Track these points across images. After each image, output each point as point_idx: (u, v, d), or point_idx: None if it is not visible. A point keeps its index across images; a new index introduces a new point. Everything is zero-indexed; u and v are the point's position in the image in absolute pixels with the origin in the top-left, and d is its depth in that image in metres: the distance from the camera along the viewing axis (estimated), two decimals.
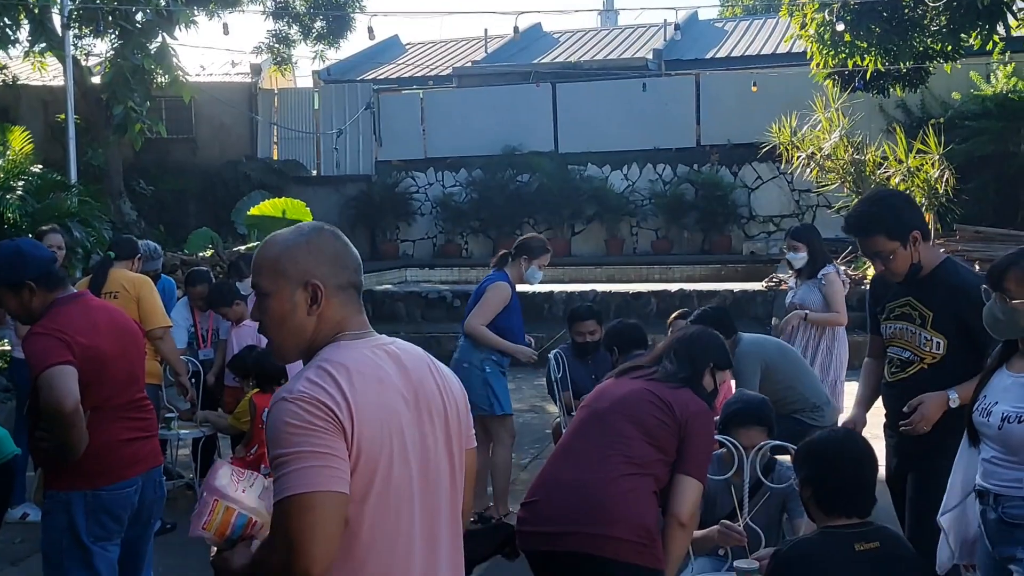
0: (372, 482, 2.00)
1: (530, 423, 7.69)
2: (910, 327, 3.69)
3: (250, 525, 2.19)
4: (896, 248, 3.62)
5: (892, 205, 3.69)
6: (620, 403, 3.24)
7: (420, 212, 19.95)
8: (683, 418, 3.16)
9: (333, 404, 1.98)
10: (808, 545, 3.03)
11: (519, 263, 6.18)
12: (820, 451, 3.13)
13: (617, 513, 3.04)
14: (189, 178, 19.01)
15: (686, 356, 3.35)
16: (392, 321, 13.72)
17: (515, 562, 4.70)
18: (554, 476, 3.21)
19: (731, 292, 12.54)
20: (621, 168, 19.05)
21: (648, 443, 3.14)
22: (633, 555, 3.03)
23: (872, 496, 3.09)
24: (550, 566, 3.16)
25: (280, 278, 2.15)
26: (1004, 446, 2.96)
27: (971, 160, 14.13)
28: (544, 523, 3.12)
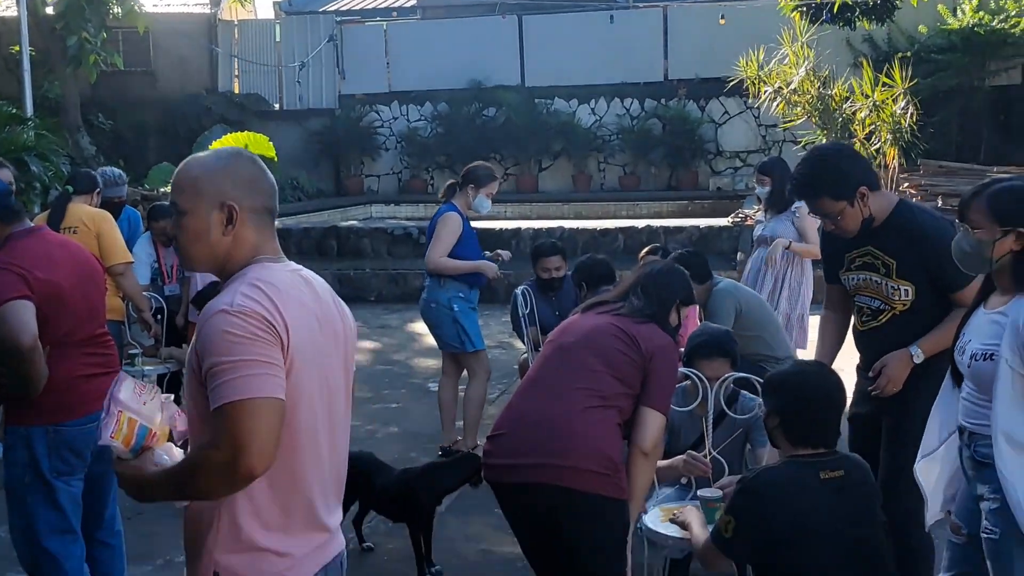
0: (299, 391, 2.17)
1: (497, 359, 7.72)
2: (875, 277, 3.63)
3: (150, 436, 2.32)
4: (843, 207, 3.54)
5: (834, 165, 3.57)
6: (585, 337, 3.25)
7: (385, 147, 19.75)
8: (648, 352, 3.18)
9: (270, 317, 2.13)
10: (774, 473, 3.07)
11: (467, 193, 6.13)
12: (792, 383, 3.16)
13: (581, 444, 3.06)
14: (148, 112, 18.65)
15: (654, 293, 3.35)
16: (357, 257, 13.65)
17: (481, 492, 4.74)
18: (520, 409, 3.23)
19: (697, 228, 12.57)
20: (588, 102, 18.92)
21: (613, 376, 3.16)
22: (596, 485, 3.07)
23: (838, 429, 3.13)
24: (515, 497, 3.19)
25: (197, 197, 2.26)
26: (975, 384, 2.97)
27: (936, 94, 14.16)
28: (509, 455, 3.15)
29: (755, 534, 2.97)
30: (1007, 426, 2.78)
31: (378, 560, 4.82)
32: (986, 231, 2.90)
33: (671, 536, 3.63)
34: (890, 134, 12.22)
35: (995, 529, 2.86)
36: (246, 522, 2.17)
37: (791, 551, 2.94)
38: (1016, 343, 2.76)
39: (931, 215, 3.64)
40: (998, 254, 2.88)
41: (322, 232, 14.15)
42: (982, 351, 2.94)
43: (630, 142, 18.37)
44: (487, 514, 5.31)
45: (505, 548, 4.90)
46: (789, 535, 2.93)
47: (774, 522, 2.94)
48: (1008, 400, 2.78)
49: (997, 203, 2.90)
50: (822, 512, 2.95)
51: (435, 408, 6.51)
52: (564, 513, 3.08)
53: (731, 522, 3.02)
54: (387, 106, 19.85)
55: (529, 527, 3.23)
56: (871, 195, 3.55)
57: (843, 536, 2.95)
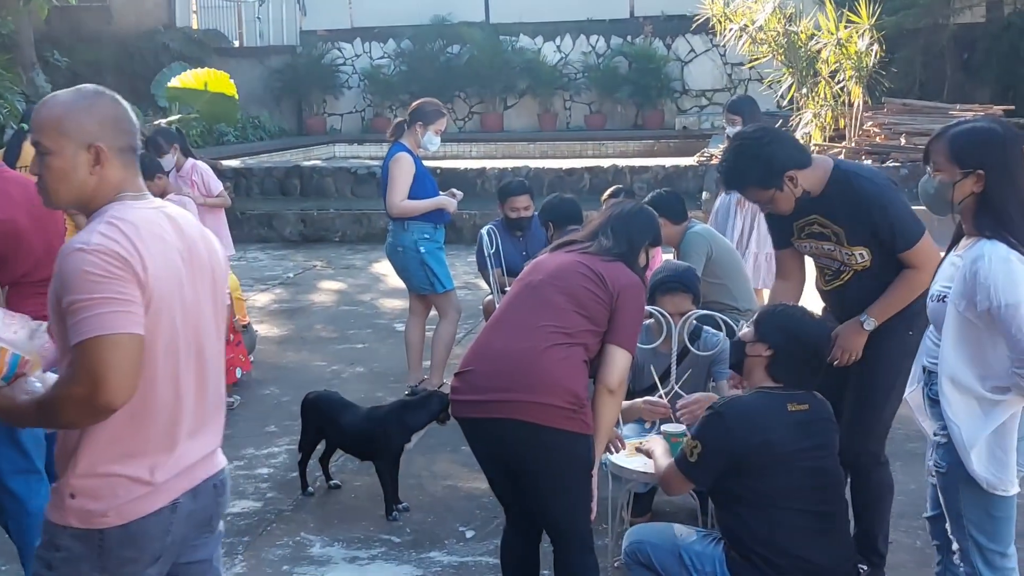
0: (160, 325, 2.25)
1: (463, 299, 7.72)
2: (827, 245, 3.63)
3: (23, 364, 2.41)
4: (773, 194, 3.54)
5: (756, 155, 3.51)
6: (553, 275, 3.26)
7: (347, 85, 19.50)
8: (615, 290, 3.20)
9: (126, 254, 2.19)
10: (745, 402, 3.15)
11: (415, 131, 6.04)
12: (794, 325, 3.21)
13: (547, 380, 3.09)
14: (104, 49, 18.21)
15: (623, 233, 3.36)
16: (321, 197, 13.54)
17: (446, 430, 4.77)
18: (486, 346, 3.25)
19: (663, 167, 12.57)
20: (554, 40, 18.74)
21: (579, 314, 3.17)
22: (561, 420, 3.10)
23: (819, 378, 3.24)
24: (482, 433, 3.22)
25: (62, 138, 2.30)
26: (934, 324, 3.03)
27: (900, 32, 14.16)
28: (476, 391, 3.18)
29: (721, 459, 3.04)
30: (951, 367, 2.84)
31: (345, 498, 4.87)
32: (947, 173, 2.90)
33: (635, 470, 3.69)
34: (854, 72, 12.23)
35: (943, 463, 2.95)
36: (103, 449, 2.26)
37: (752, 478, 3.03)
38: (964, 286, 2.80)
39: (868, 178, 3.57)
40: (959, 196, 2.88)
41: (285, 172, 14.00)
42: (939, 293, 2.98)
43: (596, 80, 18.25)
44: (453, 451, 5.36)
45: (470, 484, 4.95)
46: (754, 462, 3.02)
47: (741, 449, 3.01)
48: (953, 342, 2.83)
49: (956, 145, 2.89)
50: (787, 441, 3.03)
51: (401, 348, 6.52)
52: (530, 448, 3.12)
53: (697, 447, 3.07)
54: (349, 43, 19.55)
55: (496, 462, 3.27)
56: (801, 173, 3.51)
57: (806, 466, 3.05)
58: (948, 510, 3.00)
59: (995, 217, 2.82)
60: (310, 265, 10.96)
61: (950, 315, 2.85)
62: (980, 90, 14.86)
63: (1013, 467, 2.86)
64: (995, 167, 2.83)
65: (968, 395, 2.83)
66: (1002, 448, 2.83)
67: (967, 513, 2.92)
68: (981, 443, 2.82)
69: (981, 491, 2.86)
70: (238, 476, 5.14)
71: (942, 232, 3.26)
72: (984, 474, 2.83)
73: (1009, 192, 2.83)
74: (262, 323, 8.20)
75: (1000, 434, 2.82)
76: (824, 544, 3.04)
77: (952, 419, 2.84)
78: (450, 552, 4.27)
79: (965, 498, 2.91)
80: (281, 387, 6.60)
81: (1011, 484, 2.86)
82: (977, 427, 2.82)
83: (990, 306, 2.73)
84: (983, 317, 2.78)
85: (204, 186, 7.23)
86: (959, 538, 2.98)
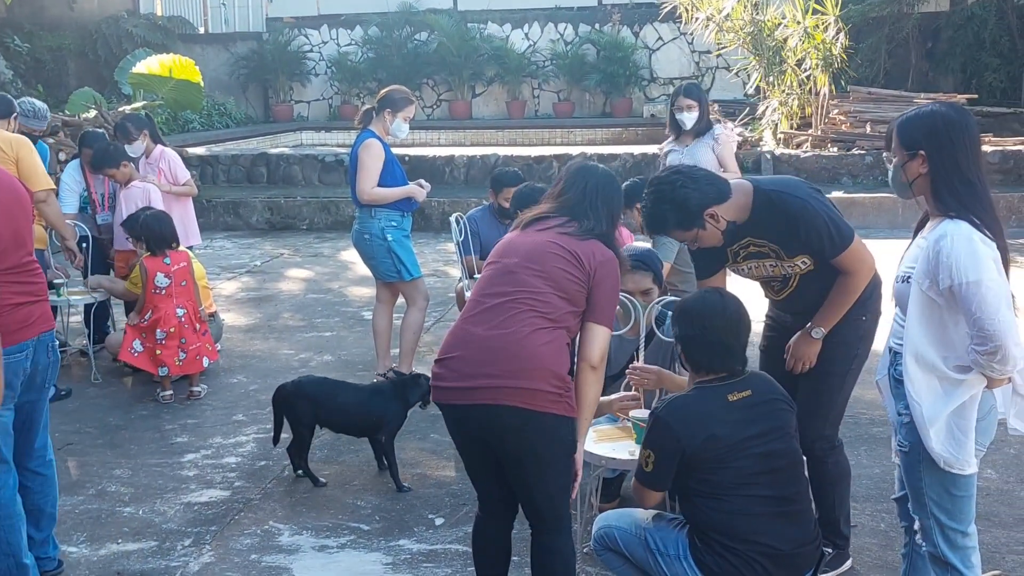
0: None
1: (432, 287, 7.72)
2: (769, 262, 3.65)
3: None
4: (696, 233, 3.56)
5: (673, 199, 3.51)
6: (529, 258, 3.22)
7: (315, 72, 19.36)
8: (591, 268, 3.20)
9: None
10: (682, 401, 3.15)
11: (383, 118, 6.02)
12: (691, 310, 3.23)
13: (534, 365, 3.10)
14: (67, 35, 17.96)
15: (606, 211, 3.34)
16: (288, 185, 13.46)
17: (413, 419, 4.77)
18: (469, 332, 3.21)
19: (631, 155, 12.60)
20: (522, 27, 18.71)
21: (559, 297, 3.17)
22: (549, 404, 3.12)
23: (743, 356, 3.20)
24: (470, 419, 3.21)
25: None
26: (899, 305, 3.08)
27: (866, 21, 14.28)
28: (463, 378, 3.16)
29: (673, 461, 3.05)
30: (915, 345, 2.88)
31: (312, 485, 4.85)
32: (898, 156, 3.00)
33: (603, 456, 3.70)
34: (821, 60, 12.31)
35: (905, 442, 3.01)
36: None
37: (705, 472, 3.03)
38: (927, 265, 2.84)
39: (790, 194, 3.57)
40: (910, 177, 2.96)
41: (251, 159, 13.89)
42: (903, 274, 3.03)
43: (564, 68, 18.25)
44: (421, 439, 5.36)
45: (439, 472, 4.96)
46: (702, 458, 3.02)
47: (688, 448, 3.01)
48: (916, 321, 2.88)
49: (903, 129, 2.98)
50: (732, 432, 3.03)
51: (369, 336, 6.50)
52: (519, 432, 3.12)
53: (650, 456, 3.10)
54: (316, 30, 19.41)
55: (482, 448, 3.25)
56: (721, 208, 3.52)
57: (757, 452, 3.04)
58: (910, 488, 3.05)
59: (953, 196, 2.87)
60: (277, 253, 10.89)
61: (914, 294, 2.89)
62: (944, 78, 15.01)
63: (971, 446, 2.90)
64: (935, 147, 2.90)
65: (931, 374, 2.87)
66: (960, 428, 2.87)
67: (928, 491, 2.98)
68: (941, 422, 2.87)
69: (941, 470, 2.92)
70: (206, 465, 5.11)
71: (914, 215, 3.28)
72: (942, 452, 2.88)
73: (952, 171, 2.88)
74: (229, 312, 8.15)
75: (959, 414, 2.87)
76: (783, 527, 3.05)
77: (914, 397, 2.89)
78: (419, 539, 4.27)
79: (926, 476, 2.97)
80: (248, 376, 6.56)
81: (967, 463, 2.90)
82: (938, 406, 2.87)
83: (952, 284, 2.77)
84: (945, 295, 2.81)
85: (171, 174, 7.16)
86: (921, 516, 3.04)
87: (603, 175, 3.44)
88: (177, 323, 6.02)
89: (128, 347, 6.02)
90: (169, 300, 6.03)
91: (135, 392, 6.32)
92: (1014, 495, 4.51)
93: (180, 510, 4.61)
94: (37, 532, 3.89)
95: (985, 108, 13.64)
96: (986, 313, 2.73)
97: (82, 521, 4.50)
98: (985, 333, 2.75)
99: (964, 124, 2.94)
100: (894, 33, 14.82)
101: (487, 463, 3.28)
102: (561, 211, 3.35)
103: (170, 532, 4.39)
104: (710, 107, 6.43)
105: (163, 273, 6.04)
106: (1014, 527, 4.20)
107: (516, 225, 3.45)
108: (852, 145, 12.45)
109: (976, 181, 2.89)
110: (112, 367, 6.68)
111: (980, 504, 4.34)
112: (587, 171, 3.45)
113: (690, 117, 6.26)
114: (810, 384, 3.74)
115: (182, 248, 6.33)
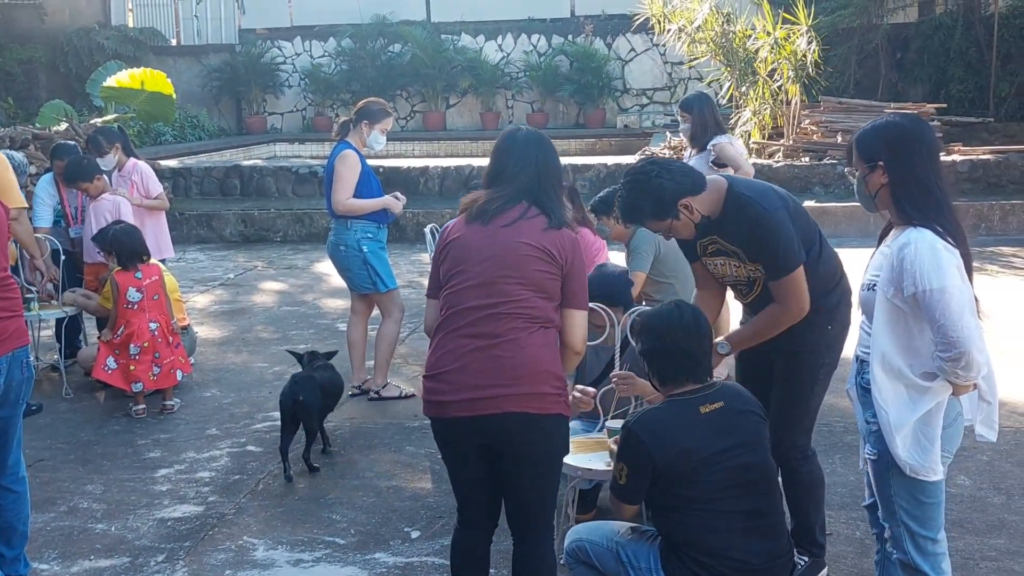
0: None
1: (407, 298, 7.69)
2: (732, 261, 3.68)
3: None
4: (671, 223, 3.61)
5: (647, 189, 3.57)
6: (505, 265, 3.14)
7: (288, 84, 19.32)
8: (563, 258, 3.18)
9: None
10: (654, 414, 3.15)
11: (360, 129, 6.02)
12: (649, 324, 3.25)
13: (536, 369, 3.11)
14: (37, 47, 17.85)
15: (560, 192, 3.35)
16: (261, 197, 13.39)
17: (388, 432, 4.72)
18: (462, 344, 3.15)
19: (605, 166, 12.64)
20: (495, 39, 18.76)
21: (542, 298, 3.16)
22: (553, 405, 3.15)
23: (707, 363, 3.22)
24: (475, 430, 3.16)
25: None
26: (864, 314, 3.10)
27: (836, 32, 14.40)
28: (466, 390, 3.12)
29: (646, 475, 3.05)
30: (882, 352, 2.90)
31: (288, 500, 4.81)
32: (859, 169, 3.03)
33: (579, 467, 3.70)
34: (792, 71, 12.41)
35: (874, 450, 3.03)
36: None
37: (677, 486, 3.04)
38: (892, 273, 2.87)
39: (758, 202, 3.57)
40: (872, 190, 3.00)
41: (224, 171, 13.82)
42: (869, 282, 3.06)
43: (537, 79, 18.31)
44: (396, 452, 5.34)
45: (415, 485, 4.94)
46: (676, 472, 3.02)
47: (660, 462, 3.02)
48: (882, 328, 2.90)
49: (862, 142, 3.03)
50: (704, 446, 3.03)
51: (344, 348, 6.48)
52: (524, 436, 3.12)
53: (624, 469, 3.10)
54: (289, 42, 19.37)
55: (476, 458, 3.23)
56: (696, 199, 3.58)
57: (729, 465, 3.04)
58: (880, 496, 3.07)
59: (913, 205, 2.91)
60: (251, 266, 10.83)
61: (879, 302, 2.92)
62: (913, 88, 15.17)
63: (936, 454, 2.91)
64: (892, 158, 2.94)
65: (897, 381, 2.89)
66: (926, 435, 2.89)
67: (898, 499, 2.99)
68: (907, 428, 2.89)
69: (909, 477, 2.94)
70: (179, 480, 5.07)
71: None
72: (908, 459, 2.90)
73: (910, 180, 2.92)
74: (202, 325, 8.10)
75: (925, 421, 2.89)
76: (755, 541, 3.05)
77: (881, 404, 2.91)
78: (395, 553, 4.25)
79: (895, 484, 2.98)
80: (222, 389, 6.52)
81: (933, 471, 2.92)
82: (905, 413, 2.89)
83: (916, 291, 2.80)
84: (910, 303, 2.84)
85: (143, 187, 7.11)
86: (891, 524, 3.05)
87: (545, 147, 3.32)
88: (150, 337, 5.98)
89: (102, 364, 5.96)
90: (142, 314, 5.99)
91: (107, 407, 6.26)
92: (987, 502, 4.55)
93: (153, 526, 4.56)
94: (8, 550, 3.85)
95: (954, 118, 13.81)
96: (950, 320, 2.76)
97: (54, 538, 4.45)
98: (949, 340, 2.77)
99: (919, 133, 2.99)
100: (864, 44, 14.98)
101: (479, 472, 3.26)
102: (519, 197, 3.24)
103: (143, 548, 4.34)
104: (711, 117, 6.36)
105: (135, 287, 6.00)
106: (987, 534, 4.23)
107: (467, 213, 3.28)
108: (824, 155, 12.55)
109: (936, 189, 2.93)
110: (84, 382, 6.62)
111: (953, 511, 4.39)
112: (529, 145, 3.31)
113: (683, 129, 6.45)
114: (780, 394, 3.75)
115: (154, 261, 6.29)
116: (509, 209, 3.23)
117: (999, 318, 7.65)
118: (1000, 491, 4.65)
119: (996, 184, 12.05)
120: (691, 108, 6.36)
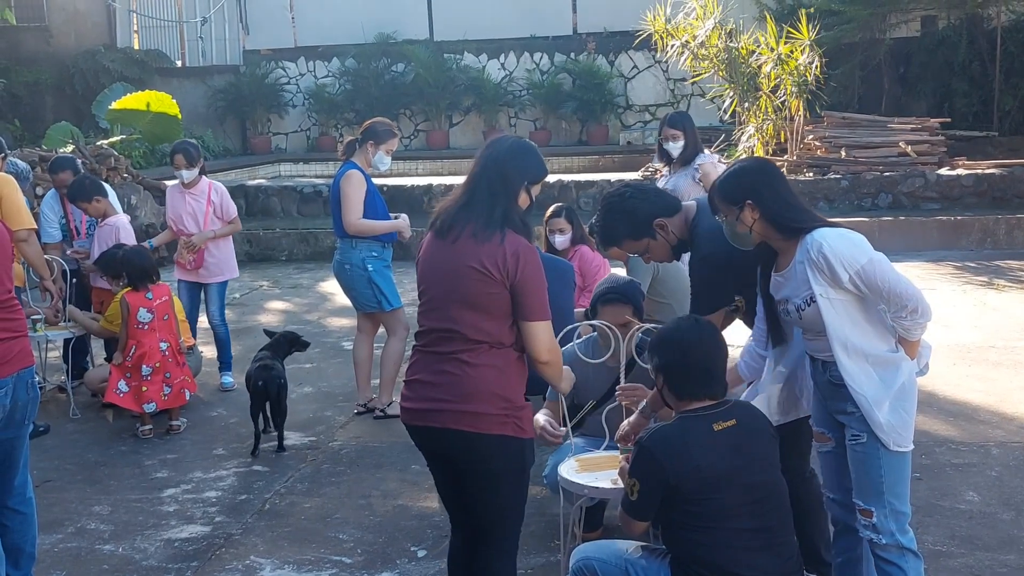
0: None
1: (412, 317, 7.69)
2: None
3: None
4: (647, 243, 3.71)
5: (622, 210, 3.68)
6: (452, 288, 3.14)
7: (292, 104, 19.38)
8: (502, 273, 3.09)
9: None
10: (668, 430, 3.13)
11: (366, 149, 6.03)
12: (667, 339, 3.25)
13: (478, 388, 3.12)
14: (44, 69, 17.94)
15: (503, 189, 3.16)
16: (267, 217, 13.43)
17: (395, 450, 4.70)
18: (424, 354, 3.25)
19: (608, 182, 12.67)
20: (498, 57, 18.83)
21: (489, 319, 3.12)
22: (495, 426, 3.14)
23: (723, 379, 3.21)
24: (426, 439, 3.27)
25: None
26: (809, 329, 3.25)
27: (839, 47, 14.43)
28: (420, 400, 3.22)
29: (658, 491, 3.04)
30: (842, 339, 3.12)
31: (295, 520, 4.81)
32: (728, 214, 3.26)
33: (585, 485, 3.70)
34: (795, 86, 12.43)
35: (860, 434, 3.17)
36: None
37: (689, 503, 3.02)
38: (821, 276, 3.09)
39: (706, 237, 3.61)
40: (745, 227, 3.23)
41: (229, 191, 13.79)
42: (797, 304, 3.19)
43: (540, 97, 18.35)
44: (402, 471, 5.34)
45: (421, 503, 4.93)
46: (688, 489, 3.00)
47: (673, 479, 3.00)
48: (834, 322, 3.11)
49: (723, 190, 3.29)
50: (718, 463, 3.01)
51: (349, 367, 6.48)
52: (465, 454, 3.17)
53: (635, 484, 3.09)
54: (293, 62, 19.46)
55: (440, 466, 3.32)
56: (671, 220, 3.68)
57: (741, 483, 3.03)
58: (868, 480, 3.18)
59: (792, 221, 3.18)
60: (256, 285, 10.85)
61: (824, 307, 3.11)
62: (916, 103, 15.19)
63: (912, 425, 3.15)
64: (755, 193, 3.21)
65: (864, 362, 3.12)
66: (904, 408, 3.13)
67: (886, 477, 3.15)
68: (886, 403, 3.11)
69: (894, 453, 3.12)
70: (186, 500, 5.07)
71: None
72: (890, 432, 3.10)
73: (779, 204, 3.21)
74: (208, 344, 8.10)
75: (900, 396, 3.12)
76: (766, 560, 3.03)
77: (856, 388, 3.12)
78: (401, 572, 4.24)
79: (884, 463, 3.14)
80: (228, 409, 6.52)
81: (909, 439, 3.14)
82: (880, 389, 3.11)
83: (850, 274, 3.05)
84: (850, 288, 3.07)
85: (221, 209, 7.13)
86: (876, 507, 3.18)
87: (504, 151, 3.22)
88: (161, 357, 5.98)
89: (113, 388, 5.95)
90: (152, 335, 5.99)
91: (114, 427, 6.26)
92: (996, 518, 4.53)
93: (160, 546, 4.56)
94: (16, 571, 3.84)
95: (959, 132, 13.82)
96: (891, 281, 3.03)
97: (61, 559, 4.45)
98: (899, 297, 3.02)
99: (765, 166, 3.36)
100: (867, 58, 15.00)
101: (448, 480, 3.32)
102: (467, 206, 3.18)
103: (151, 569, 4.34)
104: (697, 134, 6.47)
105: (145, 308, 6.00)
106: (997, 550, 4.21)
107: (432, 224, 3.29)
108: (827, 170, 12.56)
109: (798, 204, 3.25)
110: (91, 402, 6.62)
111: (963, 527, 4.39)
112: (488, 148, 3.26)
113: (676, 147, 6.43)
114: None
115: (163, 282, 6.30)
116: (457, 222, 3.18)
117: (1006, 333, 7.63)
118: (1010, 507, 4.63)
119: (1001, 198, 12.05)
120: (683, 126, 6.42)
